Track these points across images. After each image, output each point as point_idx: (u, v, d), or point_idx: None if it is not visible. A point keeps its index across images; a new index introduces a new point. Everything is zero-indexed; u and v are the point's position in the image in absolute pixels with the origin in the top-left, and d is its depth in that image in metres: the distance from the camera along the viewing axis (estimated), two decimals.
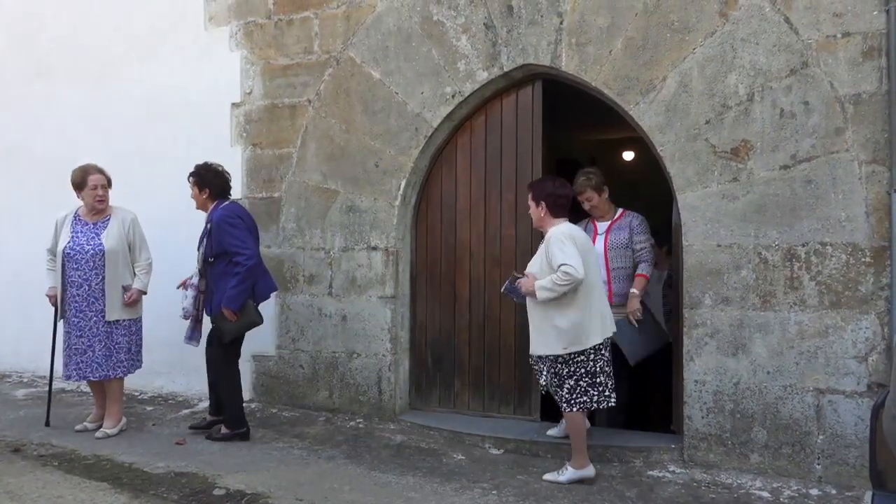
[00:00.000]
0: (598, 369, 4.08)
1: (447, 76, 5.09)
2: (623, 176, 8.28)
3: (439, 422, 5.07)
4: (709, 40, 4.33)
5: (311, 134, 5.56)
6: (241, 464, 4.36)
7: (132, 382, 5.43)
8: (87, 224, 4.98)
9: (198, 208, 5.01)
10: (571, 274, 3.88)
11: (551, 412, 5.32)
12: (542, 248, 4.14)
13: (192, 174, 4.96)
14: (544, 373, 4.13)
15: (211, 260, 4.76)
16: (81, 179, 4.94)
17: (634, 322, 4.65)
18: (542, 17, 4.77)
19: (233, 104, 5.85)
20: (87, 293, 4.85)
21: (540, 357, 4.14)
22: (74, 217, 5.02)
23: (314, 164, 5.55)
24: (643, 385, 5.52)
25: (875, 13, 3.98)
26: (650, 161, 4.86)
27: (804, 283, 4.11)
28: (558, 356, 4.06)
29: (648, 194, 5.99)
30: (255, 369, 5.75)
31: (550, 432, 4.71)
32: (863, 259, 4.00)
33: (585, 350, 4.05)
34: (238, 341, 4.90)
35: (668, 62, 4.43)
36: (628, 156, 9.23)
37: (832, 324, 4.05)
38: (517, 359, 5.05)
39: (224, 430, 4.86)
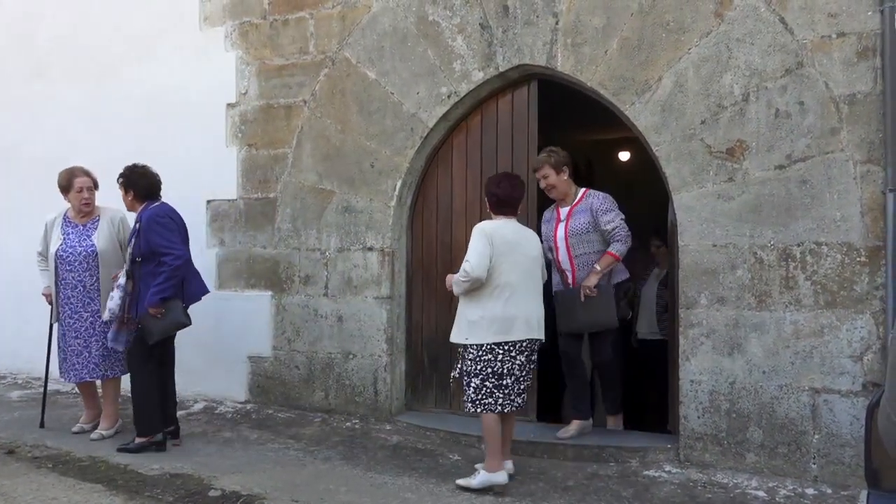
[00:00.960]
0: (505, 371, 3.95)
1: (443, 76, 5.09)
2: (619, 176, 8.29)
3: (435, 422, 5.07)
4: (704, 40, 4.33)
5: (307, 134, 5.56)
6: (237, 465, 4.36)
7: (128, 384, 5.41)
8: (76, 226, 4.98)
9: (127, 210, 4.93)
10: (466, 271, 3.91)
11: (548, 413, 5.33)
12: None
13: (119, 175, 4.83)
14: (457, 365, 4.10)
15: (138, 260, 4.59)
16: (67, 182, 4.94)
17: (582, 297, 4.45)
18: (537, 17, 4.77)
19: (228, 104, 5.84)
20: (82, 294, 4.85)
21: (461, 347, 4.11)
22: (64, 219, 5.02)
23: (310, 165, 5.54)
24: (639, 385, 5.53)
25: (870, 13, 3.99)
26: (646, 161, 4.86)
27: (799, 282, 4.11)
28: (467, 350, 4.01)
29: (645, 194, 5.99)
30: (250, 370, 5.74)
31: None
32: (858, 259, 4.00)
33: (494, 350, 3.93)
34: (165, 346, 4.69)
35: (663, 62, 4.43)
36: (624, 156, 9.23)
37: (827, 323, 4.05)
38: None
39: (138, 438, 4.57)
